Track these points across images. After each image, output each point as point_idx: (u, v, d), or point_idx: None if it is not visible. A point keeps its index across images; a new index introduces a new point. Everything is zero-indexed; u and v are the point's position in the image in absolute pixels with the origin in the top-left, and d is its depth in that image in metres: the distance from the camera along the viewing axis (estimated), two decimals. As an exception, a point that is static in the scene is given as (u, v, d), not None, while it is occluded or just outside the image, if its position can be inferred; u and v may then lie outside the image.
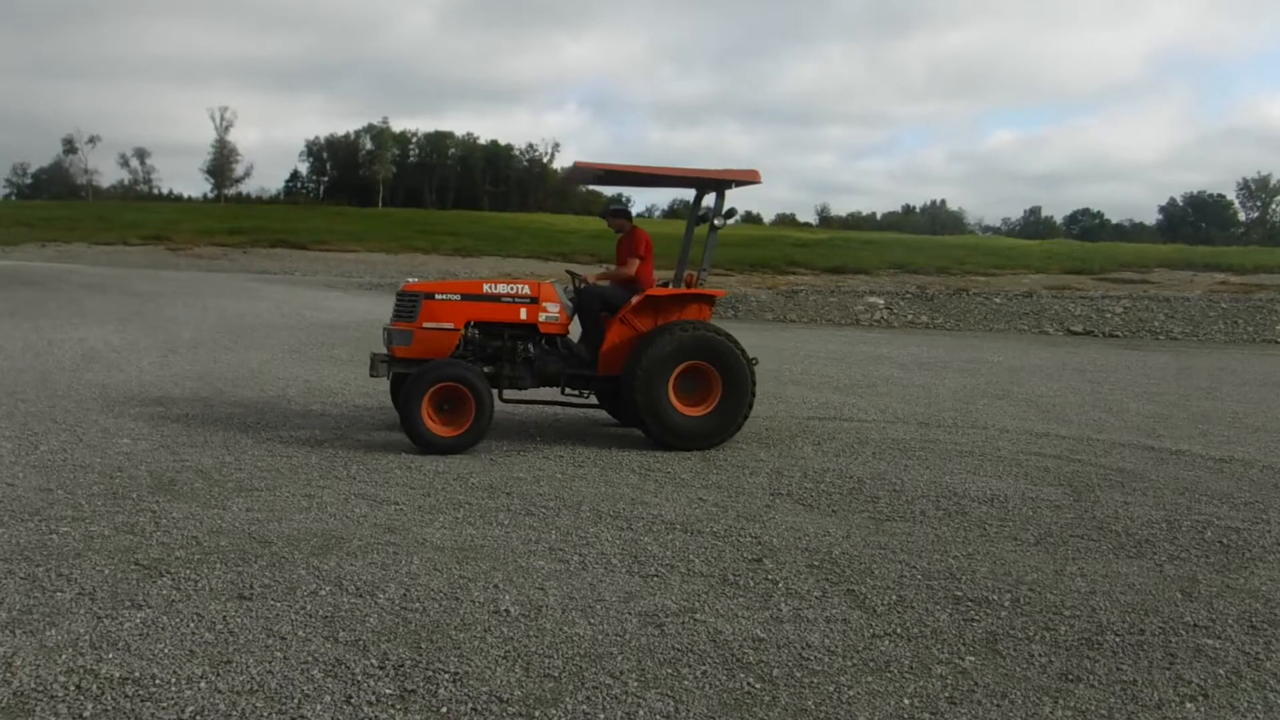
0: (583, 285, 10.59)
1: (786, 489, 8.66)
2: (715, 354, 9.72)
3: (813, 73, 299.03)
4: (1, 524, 6.66)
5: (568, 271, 11.18)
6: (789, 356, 20.54)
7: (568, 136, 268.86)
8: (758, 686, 4.71)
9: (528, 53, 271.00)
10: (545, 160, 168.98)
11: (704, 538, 7.09)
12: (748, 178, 10.50)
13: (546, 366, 10.09)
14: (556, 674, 4.76)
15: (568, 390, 10.40)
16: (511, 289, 10.15)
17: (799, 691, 4.68)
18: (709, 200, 10.92)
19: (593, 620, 5.44)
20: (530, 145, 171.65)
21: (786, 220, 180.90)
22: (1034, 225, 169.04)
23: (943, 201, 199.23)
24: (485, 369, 9.89)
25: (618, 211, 10.95)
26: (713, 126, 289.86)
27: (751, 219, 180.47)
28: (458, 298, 10.00)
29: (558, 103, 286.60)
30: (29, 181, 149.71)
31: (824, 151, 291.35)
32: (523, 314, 10.08)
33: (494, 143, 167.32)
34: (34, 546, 6.22)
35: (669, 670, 4.85)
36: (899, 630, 5.49)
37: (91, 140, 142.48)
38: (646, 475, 8.97)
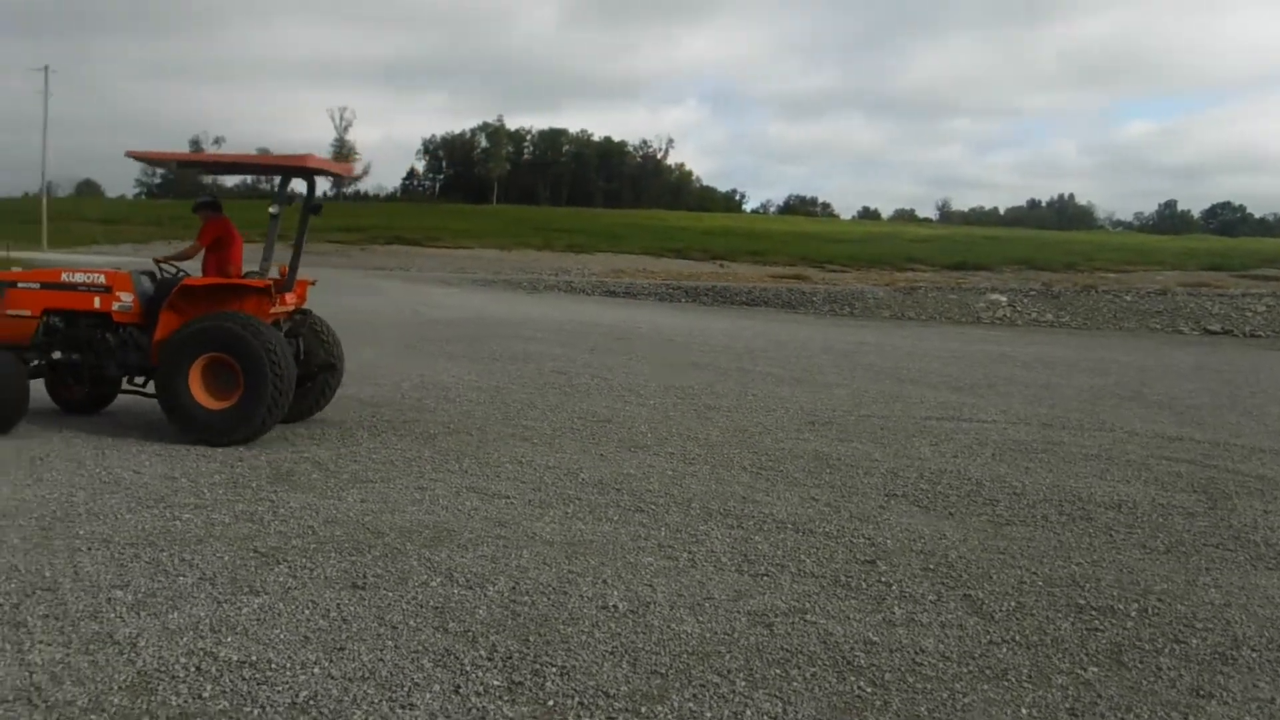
0: (160, 275, 10.15)
1: (902, 490, 8.48)
2: (234, 347, 8.97)
3: (940, 64, 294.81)
4: (129, 510, 6.91)
5: (154, 259, 10.52)
6: (906, 355, 20.19)
7: (686, 131, 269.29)
8: (869, 691, 4.60)
9: (648, 48, 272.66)
10: (659, 156, 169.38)
11: (816, 538, 6.98)
12: (334, 169, 10.47)
13: (127, 357, 9.68)
14: (663, 671, 4.72)
15: (136, 381, 9.98)
16: (88, 278, 9.79)
17: (911, 697, 4.56)
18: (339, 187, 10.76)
19: (701, 618, 5.39)
20: (644, 141, 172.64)
21: (905, 216, 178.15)
22: (1169, 220, 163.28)
23: (1071, 195, 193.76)
24: (74, 357, 9.75)
25: (202, 204, 10.61)
26: (835, 120, 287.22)
27: (869, 214, 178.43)
28: (36, 286, 9.80)
29: (677, 98, 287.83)
30: (158, 181, 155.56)
31: (949, 144, 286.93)
32: (97, 303, 9.70)
33: (607, 139, 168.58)
34: (158, 532, 6.44)
35: (778, 671, 4.78)
36: (1017, 638, 5.32)
37: (217, 141, 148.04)
38: (758, 474, 8.88)
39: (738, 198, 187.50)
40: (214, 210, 10.53)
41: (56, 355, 9.88)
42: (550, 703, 4.36)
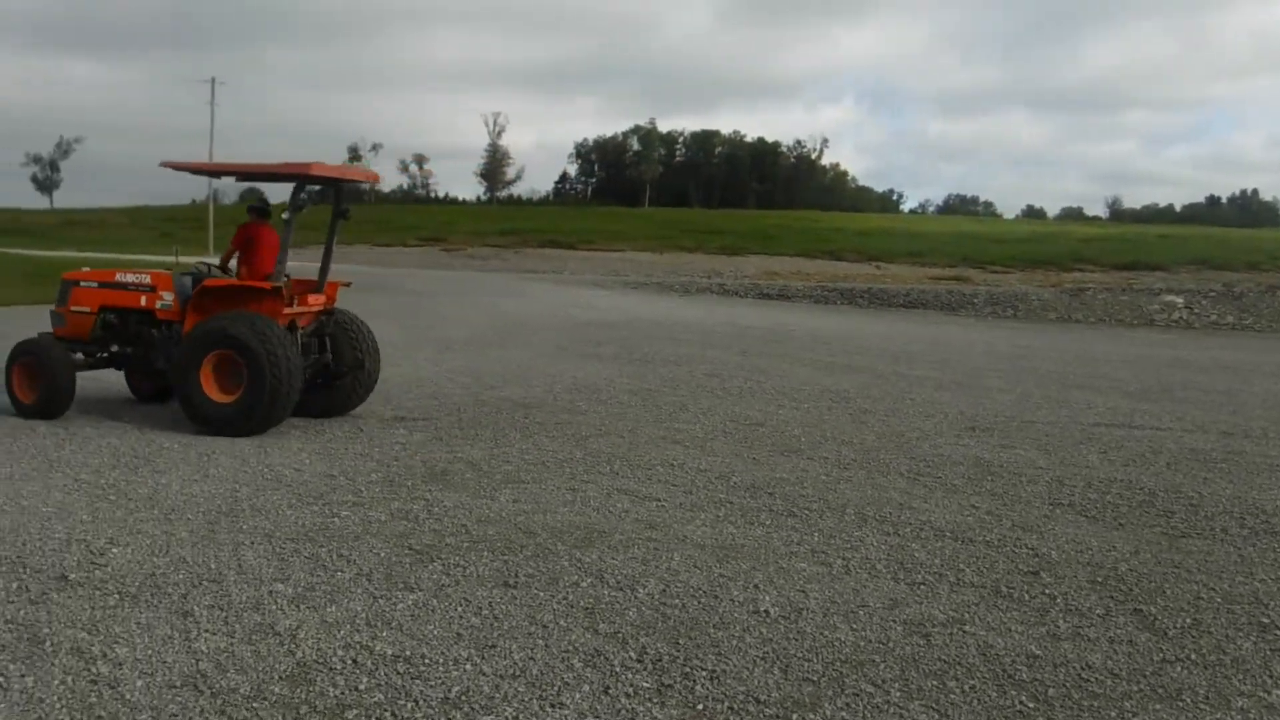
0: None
1: (1068, 499, 8.13)
2: (237, 344, 9.34)
3: (1114, 54, 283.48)
4: (290, 506, 7.16)
5: (200, 263, 11.19)
6: (1072, 358, 19.45)
7: (843, 130, 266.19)
8: (1031, 706, 4.42)
9: (804, 46, 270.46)
10: (814, 156, 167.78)
11: (976, 546, 6.76)
12: (358, 176, 10.72)
13: (169, 352, 10.12)
14: (815, 678, 4.63)
15: None
16: (137, 278, 10.48)
17: (1076, 715, 4.35)
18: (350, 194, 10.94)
19: (855, 626, 5.27)
20: (798, 141, 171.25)
21: (1073, 214, 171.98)
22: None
23: (1255, 191, 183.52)
24: (127, 351, 10.47)
25: (249, 209, 11.10)
26: (997, 116, 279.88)
27: (1033, 213, 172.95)
28: (95, 285, 10.52)
29: (834, 96, 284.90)
30: (318, 188, 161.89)
31: (1121, 138, 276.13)
32: (143, 301, 10.34)
33: (760, 140, 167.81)
34: (318, 528, 6.65)
35: (934, 682, 4.63)
36: (1193, 656, 5.02)
37: (374, 148, 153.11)
38: (915, 480, 8.66)
39: (895, 197, 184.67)
40: (257, 215, 11.19)
41: (114, 349, 10.62)
42: (700, 706, 4.32)
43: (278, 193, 11.99)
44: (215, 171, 11.26)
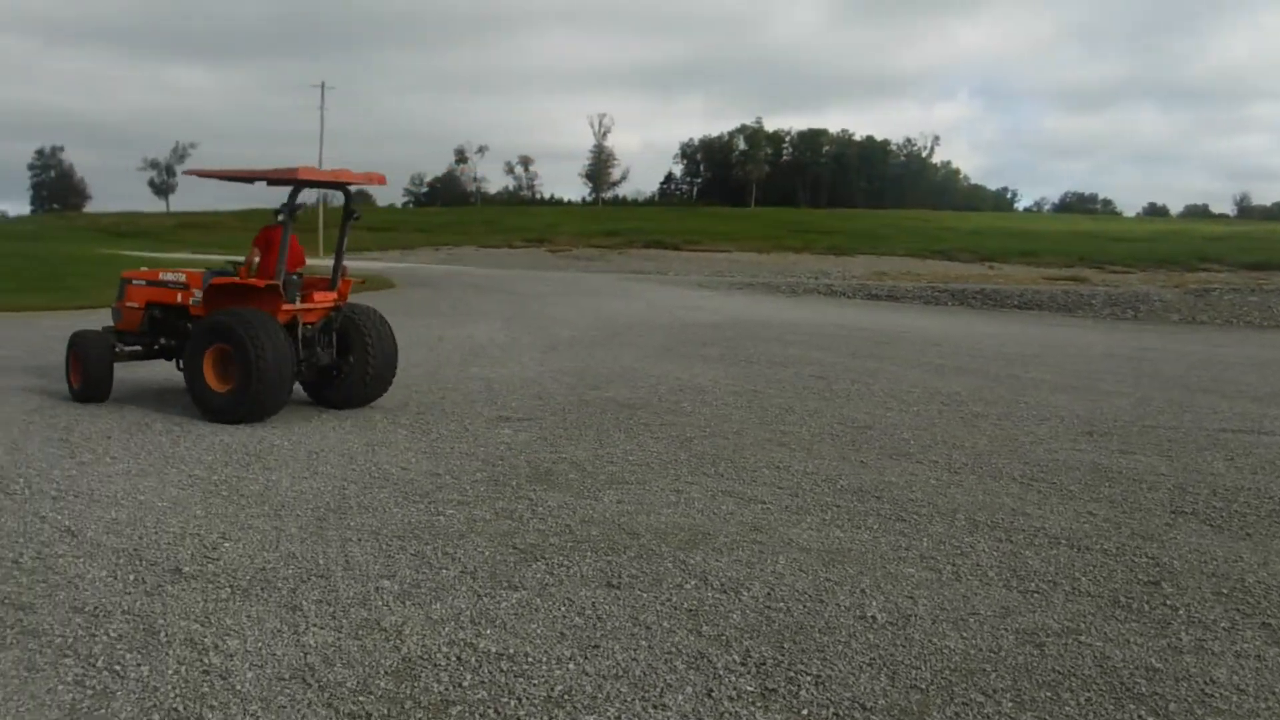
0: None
1: (1191, 507, 7.82)
2: (230, 338, 9.94)
3: (1243, 44, 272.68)
4: (396, 504, 7.27)
5: (229, 262, 11.78)
6: (1197, 361, 18.75)
7: (956, 128, 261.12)
8: (1152, 723, 4.24)
9: (918, 42, 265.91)
10: (924, 155, 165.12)
11: (1092, 555, 6.54)
12: (360, 180, 11.22)
13: None
14: (924, 686, 4.52)
15: None
16: (174, 276, 11.36)
17: (1203, 733, 4.16)
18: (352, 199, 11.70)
19: (965, 633, 5.14)
20: (908, 140, 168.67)
21: (1197, 212, 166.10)
22: None
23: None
24: (171, 343, 11.27)
25: (276, 213, 11.13)
26: (1119, 110, 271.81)
27: (1155, 211, 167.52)
28: (144, 283, 11.47)
29: (948, 92, 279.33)
30: (424, 190, 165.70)
31: (1252, 133, 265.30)
32: (179, 298, 11.12)
33: (869, 138, 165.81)
34: (423, 526, 6.74)
35: (1048, 693, 4.48)
36: (1329, 674, 4.76)
37: (480, 150, 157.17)
38: (1029, 485, 8.42)
39: (1008, 196, 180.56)
40: (279, 218, 11.32)
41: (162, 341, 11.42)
42: (805, 712, 4.26)
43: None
44: (223, 176, 12.02)
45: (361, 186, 11.63)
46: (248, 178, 11.60)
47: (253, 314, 10.08)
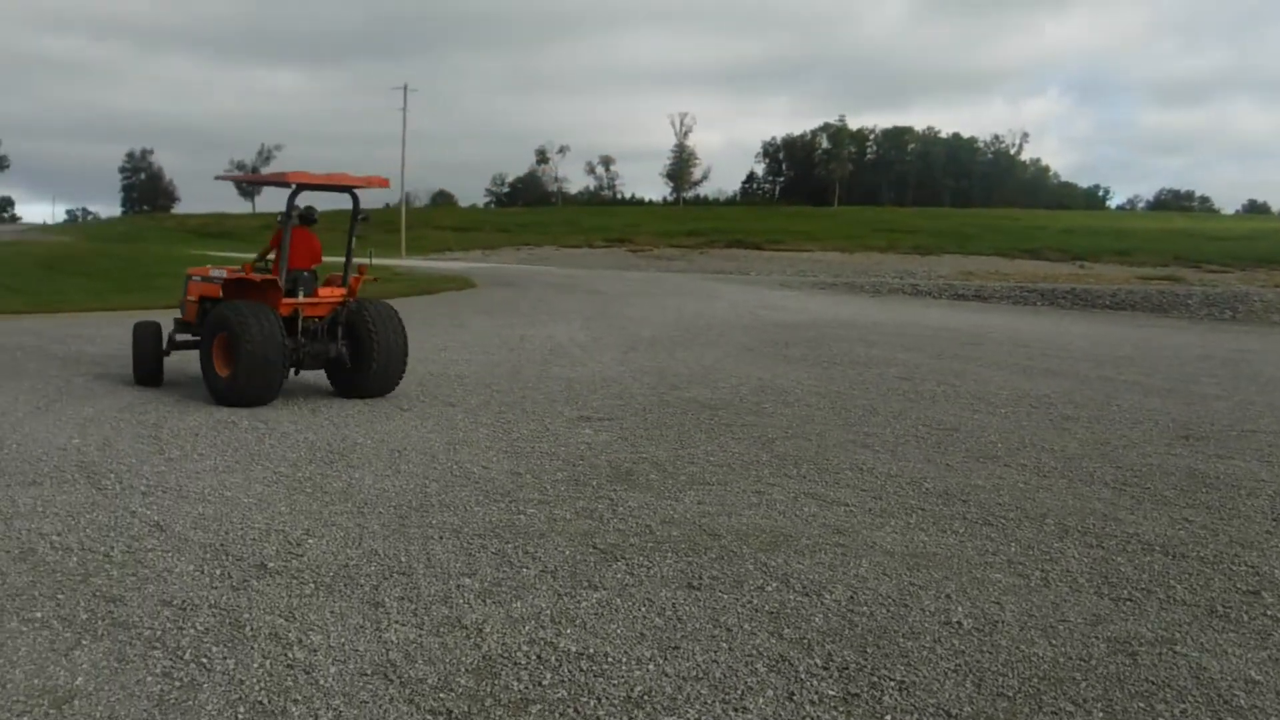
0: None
1: (1293, 513, 7.55)
2: (227, 327, 10.76)
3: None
4: (477, 503, 7.32)
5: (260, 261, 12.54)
6: (1296, 362, 18.11)
7: (1045, 124, 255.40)
8: (1253, 738, 4.09)
9: (1006, 37, 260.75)
10: (1012, 152, 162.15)
11: (1188, 562, 6.34)
12: (367, 184, 11.92)
13: None
14: (1011, 694, 4.42)
15: None
16: (218, 272, 12.30)
17: (1307, 750, 4.00)
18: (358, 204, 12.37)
19: (1054, 641, 5.01)
20: (996, 137, 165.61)
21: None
22: None
23: None
24: None
25: (300, 215, 11.86)
26: (1219, 105, 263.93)
27: (1256, 209, 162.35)
28: (199, 279, 12.43)
29: (1038, 88, 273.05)
30: (506, 190, 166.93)
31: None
32: (221, 293, 11.82)
33: (955, 136, 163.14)
34: (504, 525, 6.78)
35: (1140, 704, 4.35)
36: None
37: (561, 150, 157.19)
38: (1121, 490, 8.20)
39: (1100, 193, 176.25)
40: (300, 220, 11.87)
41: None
42: (888, 718, 4.20)
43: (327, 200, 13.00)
44: (240, 180, 13.10)
45: (370, 188, 12.28)
46: (251, 181, 12.87)
47: (248, 306, 10.91)
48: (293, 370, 11.55)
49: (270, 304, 11.07)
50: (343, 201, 12.34)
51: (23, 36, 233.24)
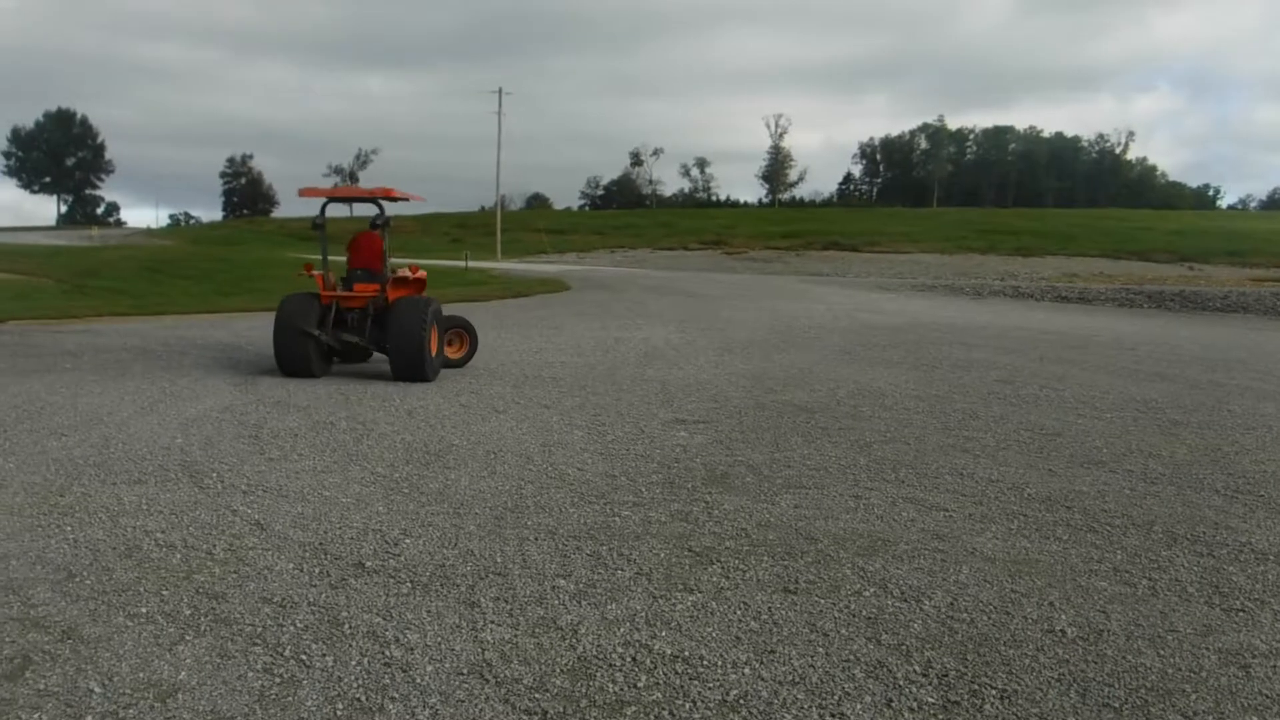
0: None
1: None
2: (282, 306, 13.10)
3: None
4: (572, 505, 7.37)
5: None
6: None
7: (1153, 122, 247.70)
8: (1377, 757, 3.92)
9: (1113, 33, 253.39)
10: (1118, 151, 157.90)
11: (1306, 572, 6.10)
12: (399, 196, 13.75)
13: None
14: (1117, 705, 4.31)
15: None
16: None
17: None
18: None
19: (1162, 651, 4.87)
20: (1100, 135, 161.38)
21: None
22: None
23: None
24: None
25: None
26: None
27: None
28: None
29: (1146, 85, 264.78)
30: (600, 193, 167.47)
31: None
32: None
33: (1058, 135, 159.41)
34: (599, 527, 6.81)
35: (1254, 718, 4.20)
36: None
37: (656, 152, 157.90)
38: (1233, 497, 7.93)
39: (1210, 193, 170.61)
40: (370, 224, 13.89)
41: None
42: (988, 728, 4.10)
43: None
44: (318, 194, 14.08)
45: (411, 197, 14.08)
46: (348, 197, 14.50)
47: (294, 296, 13.23)
48: (334, 356, 13.58)
49: (317, 295, 13.23)
50: (434, 206, 13.57)
51: (124, 44, 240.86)
